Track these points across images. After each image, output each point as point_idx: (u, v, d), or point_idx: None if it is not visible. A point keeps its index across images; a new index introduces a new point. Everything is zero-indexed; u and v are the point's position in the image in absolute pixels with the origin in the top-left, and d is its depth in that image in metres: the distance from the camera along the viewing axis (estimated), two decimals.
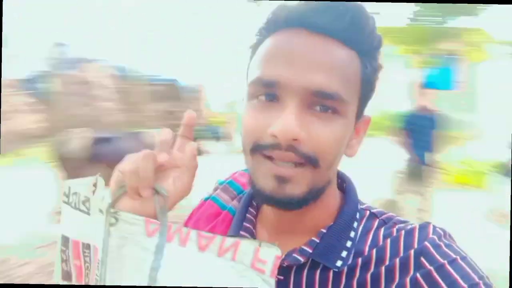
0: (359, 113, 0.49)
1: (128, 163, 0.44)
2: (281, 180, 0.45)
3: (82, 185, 0.47)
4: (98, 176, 0.47)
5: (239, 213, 0.57)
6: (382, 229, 0.51)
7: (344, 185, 0.56)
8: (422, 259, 0.46)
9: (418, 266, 0.45)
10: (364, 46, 0.47)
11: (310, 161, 0.45)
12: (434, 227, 0.49)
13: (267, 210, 0.55)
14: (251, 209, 0.57)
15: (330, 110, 0.45)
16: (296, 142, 0.43)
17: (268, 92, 0.45)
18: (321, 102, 0.44)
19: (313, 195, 0.47)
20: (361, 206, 0.55)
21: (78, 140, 3.91)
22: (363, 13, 0.45)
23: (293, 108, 0.43)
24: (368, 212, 0.54)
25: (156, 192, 0.44)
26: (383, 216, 0.53)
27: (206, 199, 0.64)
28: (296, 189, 0.45)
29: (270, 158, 0.45)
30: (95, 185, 0.47)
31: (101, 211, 0.44)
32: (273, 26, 0.48)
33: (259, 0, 8.52)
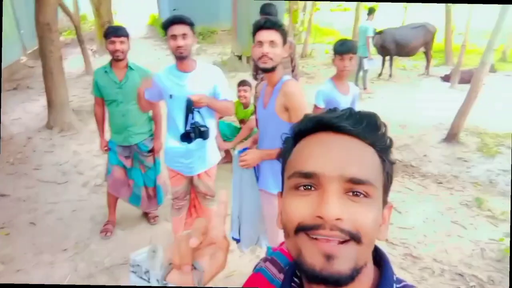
0: (384, 200, 0.57)
1: (174, 245, 0.54)
2: (329, 257, 0.49)
3: (144, 254, 0.57)
4: (155, 244, 0.59)
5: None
6: None
7: (378, 259, 0.60)
8: None
9: None
10: (379, 144, 0.56)
11: (353, 238, 0.50)
12: None
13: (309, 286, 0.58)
14: (293, 284, 0.62)
15: (362, 195, 0.52)
16: (339, 221, 0.49)
17: (307, 183, 0.53)
18: (354, 188, 0.51)
19: (358, 272, 0.51)
20: (398, 286, 0.58)
21: None
22: (376, 118, 0.57)
23: (332, 194, 0.50)
24: None
25: (195, 267, 0.54)
26: None
27: (257, 270, 0.69)
28: (342, 265, 0.50)
29: (315, 239, 0.50)
30: (154, 251, 0.57)
31: (157, 281, 0.54)
32: (303, 134, 0.59)
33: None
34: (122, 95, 2.84)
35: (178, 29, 2.24)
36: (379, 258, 0.61)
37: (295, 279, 0.62)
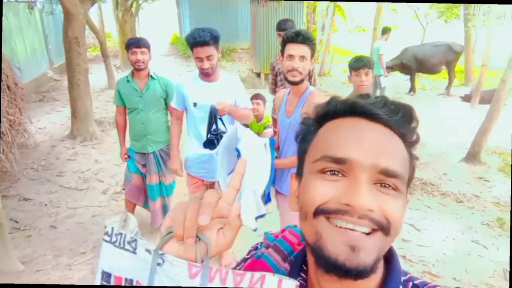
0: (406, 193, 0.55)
1: (177, 213, 0.49)
2: (354, 248, 0.47)
3: (116, 222, 0.52)
4: (127, 212, 0.54)
5: None
6: None
7: (387, 253, 0.58)
8: None
9: None
10: (408, 137, 0.54)
11: (382, 228, 0.48)
12: None
13: (317, 280, 0.56)
14: (302, 274, 0.59)
15: (390, 187, 0.50)
16: (369, 211, 0.47)
17: (336, 169, 0.50)
18: (385, 180, 0.49)
19: (377, 264, 0.49)
20: (404, 278, 0.57)
21: None
22: (411, 111, 0.54)
23: (364, 183, 0.48)
24: (410, 284, 0.56)
25: (199, 239, 0.49)
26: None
27: (258, 257, 0.66)
28: (368, 256, 0.47)
29: (338, 227, 0.48)
30: (125, 220, 0.53)
31: (147, 251, 0.49)
32: (331, 117, 0.56)
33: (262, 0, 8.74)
34: (143, 104, 2.92)
35: (203, 52, 2.26)
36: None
37: (301, 274, 0.59)
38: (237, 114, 2.42)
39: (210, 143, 2.32)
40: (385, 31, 7.31)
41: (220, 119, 2.33)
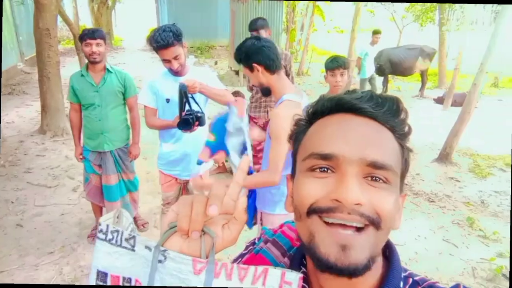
0: (400, 187, 0.54)
1: (182, 206, 0.47)
2: (345, 247, 0.47)
3: (109, 219, 0.50)
4: (121, 209, 0.52)
5: None
6: None
7: (386, 250, 0.58)
8: None
9: None
10: (398, 129, 0.54)
11: (373, 223, 0.48)
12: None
13: (316, 276, 0.56)
14: (303, 268, 0.59)
15: (381, 180, 0.49)
16: (358, 206, 0.47)
17: (324, 165, 0.50)
18: (374, 173, 0.49)
19: (373, 261, 0.49)
20: (404, 274, 0.57)
21: None
22: (398, 102, 0.54)
23: (352, 177, 0.48)
24: (410, 280, 0.57)
25: (204, 233, 0.48)
26: (425, 284, 0.56)
27: (257, 251, 0.65)
28: (359, 254, 0.47)
29: (330, 225, 0.48)
30: (118, 217, 0.50)
31: (147, 247, 0.47)
32: (320, 115, 0.56)
33: None
34: (100, 99, 2.76)
35: (168, 54, 2.19)
36: (384, 246, 0.58)
37: (302, 268, 0.59)
38: (211, 92, 2.28)
39: (185, 123, 2.19)
40: (373, 33, 7.40)
41: (193, 98, 2.21)
